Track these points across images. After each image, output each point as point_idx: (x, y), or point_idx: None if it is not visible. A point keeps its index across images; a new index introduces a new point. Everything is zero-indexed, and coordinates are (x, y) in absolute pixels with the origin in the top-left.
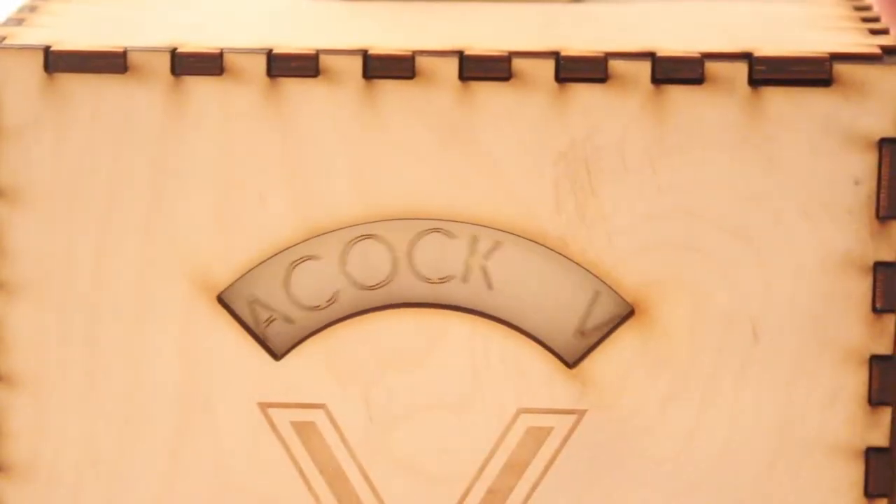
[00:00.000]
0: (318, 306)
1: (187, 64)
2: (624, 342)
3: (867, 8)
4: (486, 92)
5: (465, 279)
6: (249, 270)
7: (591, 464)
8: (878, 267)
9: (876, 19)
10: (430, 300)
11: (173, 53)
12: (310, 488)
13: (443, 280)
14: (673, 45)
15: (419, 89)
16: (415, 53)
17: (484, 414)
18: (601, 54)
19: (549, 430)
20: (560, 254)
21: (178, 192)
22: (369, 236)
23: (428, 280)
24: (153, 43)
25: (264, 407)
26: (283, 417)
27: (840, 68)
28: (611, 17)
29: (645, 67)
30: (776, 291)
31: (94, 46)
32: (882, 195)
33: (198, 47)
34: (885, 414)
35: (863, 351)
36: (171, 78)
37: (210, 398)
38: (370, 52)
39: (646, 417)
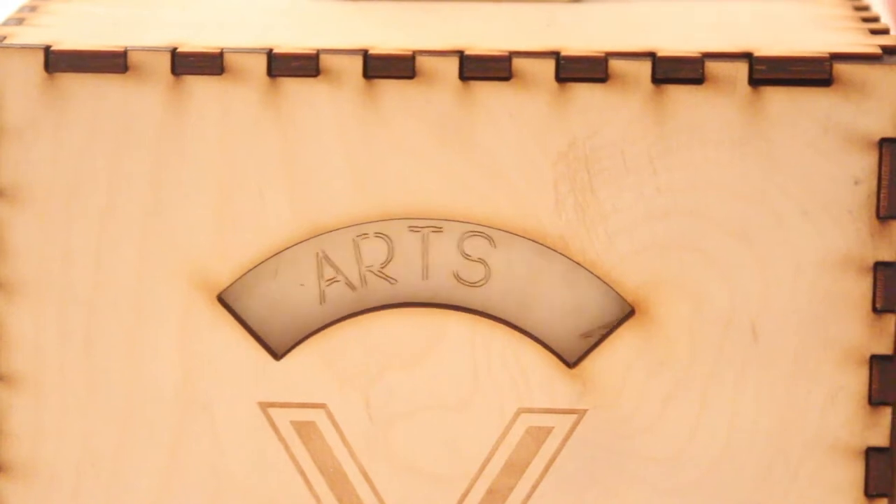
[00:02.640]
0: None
1: (187, 64)
2: (624, 342)
3: (867, 8)
4: (486, 92)
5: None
6: (249, 270)
7: (591, 464)
8: (878, 267)
9: (876, 19)
10: (430, 300)
11: (173, 53)
12: (310, 488)
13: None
14: (673, 45)
15: (419, 89)
16: (415, 53)
17: (484, 414)
18: (601, 54)
19: (549, 430)
20: (560, 253)
21: (178, 192)
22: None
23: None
24: (153, 43)
25: (264, 406)
26: (283, 417)
27: (840, 68)
28: (611, 17)
29: (645, 67)
30: (776, 291)
31: (94, 46)
32: (882, 195)
33: (198, 47)
34: (885, 414)
35: (863, 351)
36: (171, 78)
37: (210, 398)
38: (370, 51)
39: (646, 417)
